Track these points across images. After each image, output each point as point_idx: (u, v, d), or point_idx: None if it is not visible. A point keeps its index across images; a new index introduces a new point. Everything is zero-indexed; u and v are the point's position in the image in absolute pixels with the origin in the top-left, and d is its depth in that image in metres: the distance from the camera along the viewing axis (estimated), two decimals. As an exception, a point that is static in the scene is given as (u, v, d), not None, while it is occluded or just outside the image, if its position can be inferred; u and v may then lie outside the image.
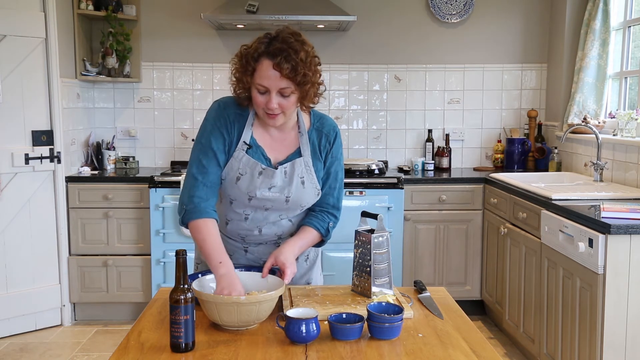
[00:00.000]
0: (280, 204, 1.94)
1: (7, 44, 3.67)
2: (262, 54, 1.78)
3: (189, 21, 4.51)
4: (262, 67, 1.78)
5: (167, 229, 3.98)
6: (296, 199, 1.94)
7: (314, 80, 1.83)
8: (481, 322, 4.13)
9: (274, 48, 1.76)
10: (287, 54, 1.75)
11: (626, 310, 2.60)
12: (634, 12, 3.90)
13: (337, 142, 2.02)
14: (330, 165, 2.01)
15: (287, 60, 1.75)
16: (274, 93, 1.79)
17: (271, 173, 1.91)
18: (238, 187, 1.91)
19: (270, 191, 1.91)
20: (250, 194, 1.91)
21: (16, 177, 3.79)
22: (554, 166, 4.30)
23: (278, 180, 1.91)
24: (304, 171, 1.94)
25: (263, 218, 1.97)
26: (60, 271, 4.02)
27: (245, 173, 1.90)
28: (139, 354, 1.53)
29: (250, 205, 1.94)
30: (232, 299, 1.62)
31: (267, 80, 1.78)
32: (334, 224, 2.05)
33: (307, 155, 1.95)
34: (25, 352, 3.63)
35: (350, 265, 2.04)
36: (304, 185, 1.94)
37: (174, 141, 4.63)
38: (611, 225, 2.53)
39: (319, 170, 1.98)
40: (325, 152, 1.99)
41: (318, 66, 1.85)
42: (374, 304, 1.71)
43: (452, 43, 4.60)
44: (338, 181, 2.04)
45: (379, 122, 4.67)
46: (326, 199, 2.03)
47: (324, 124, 2.01)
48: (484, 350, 1.57)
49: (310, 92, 1.84)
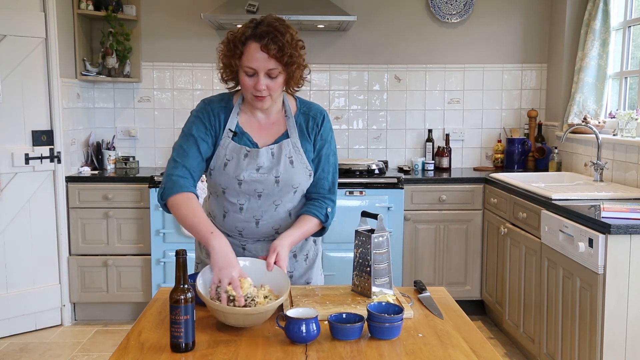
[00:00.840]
0: (270, 186, 1.95)
1: (7, 44, 3.67)
2: (250, 37, 1.85)
3: (189, 21, 4.51)
4: (250, 49, 1.85)
5: (167, 229, 3.98)
6: (286, 178, 1.95)
7: (299, 62, 1.90)
8: (481, 322, 4.13)
9: (261, 31, 1.84)
10: (274, 35, 1.83)
11: (626, 310, 2.60)
12: (634, 12, 3.90)
13: (325, 125, 2.04)
14: (321, 148, 2.03)
15: (274, 42, 1.83)
16: (261, 74, 1.86)
17: (256, 153, 1.94)
18: (226, 173, 1.94)
19: (259, 173, 1.94)
20: (239, 177, 1.93)
21: (16, 177, 3.79)
22: (554, 166, 4.30)
23: (264, 160, 1.94)
24: (292, 151, 1.97)
25: (258, 207, 1.98)
26: (60, 271, 4.02)
27: (231, 158, 1.95)
28: (139, 354, 1.53)
29: (242, 190, 1.95)
30: (243, 310, 1.63)
31: (255, 62, 1.85)
32: (332, 209, 2.05)
33: (294, 137, 1.99)
34: (25, 352, 3.63)
35: (350, 265, 2.04)
36: (293, 165, 1.96)
37: (174, 141, 4.61)
38: (611, 225, 2.53)
39: (309, 152, 2.00)
40: (314, 134, 2.02)
41: (302, 49, 1.92)
42: (374, 304, 1.71)
43: (452, 43, 4.60)
44: (331, 165, 2.06)
45: (379, 122, 4.67)
46: (321, 184, 2.04)
47: (310, 108, 2.05)
48: (484, 350, 1.57)
49: (297, 73, 1.91)
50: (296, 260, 2.10)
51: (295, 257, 2.09)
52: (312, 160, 2.02)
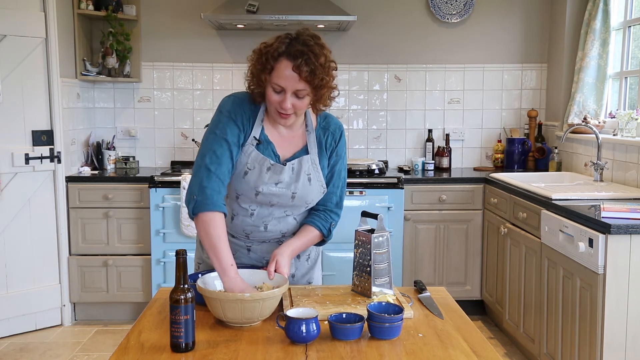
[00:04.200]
0: (286, 200, 1.94)
1: (7, 44, 3.67)
2: (283, 54, 1.79)
3: (189, 21, 4.51)
4: (281, 66, 1.79)
5: (167, 229, 3.98)
6: (302, 195, 1.95)
7: (329, 85, 1.85)
8: (481, 322, 4.13)
9: (295, 50, 1.78)
10: (308, 57, 1.77)
11: (626, 310, 2.60)
12: (634, 12, 3.90)
13: (342, 141, 2.04)
14: (335, 163, 2.03)
15: (307, 64, 1.77)
16: (289, 94, 1.81)
17: (280, 169, 1.91)
18: (246, 182, 1.91)
19: (277, 187, 1.92)
20: (257, 189, 1.91)
21: (16, 177, 3.79)
22: (554, 166, 4.30)
23: (285, 176, 1.92)
24: (311, 168, 1.96)
25: (268, 214, 1.97)
26: (60, 271, 4.02)
27: (253, 168, 1.90)
28: (139, 354, 1.53)
29: (257, 200, 1.94)
30: (237, 296, 1.63)
31: (285, 80, 1.79)
32: (336, 224, 2.06)
33: (314, 153, 1.97)
34: (25, 352, 3.63)
35: (350, 265, 2.04)
36: (310, 182, 1.95)
37: (174, 141, 4.63)
38: (611, 225, 2.53)
39: (324, 168, 2.00)
40: (331, 150, 2.01)
41: (334, 71, 1.87)
42: (374, 303, 1.71)
43: (452, 43, 4.60)
44: (341, 180, 2.06)
45: (379, 122, 4.67)
46: (330, 198, 2.04)
47: (329, 123, 2.03)
48: (484, 350, 1.57)
49: (325, 95, 1.87)
50: (299, 260, 2.11)
51: (298, 258, 2.10)
52: (325, 176, 2.01)
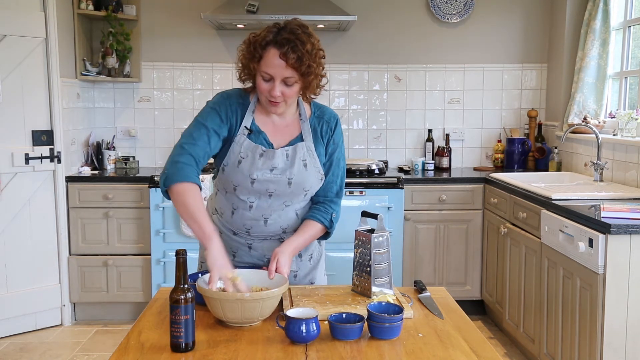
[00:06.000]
0: (283, 187, 1.95)
1: (7, 44, 3.67)
2: (270, 42, 1.84)
3: (189, 21, 4.51)
4: (269, 55, 1.84)
5: (167, 229, 3.98)
6: (299, 181, 1.96)
7: (317, 72, 1.90)
8: (481, 322, 4.13)
9: (282, 38, 1.83)
10: (294, 44, 1.82)
11: (626, 310, 2.60)
12: (634, 12, 3.90)
13: (338, 129, 2.06)
14: (332, 152, 2.05)
15: (293, 51, 1.82)
16: (277, 81, 1.86)
17: (272, 154, 1.94)
18: (240, 171, 1.93)
19: (272, 173, 1.93)
20: (252, 176, 1.93)
21: (16, 177, 3.79)
22: (554, 166, 4.30)
23: (279, 161, 1.94)
24: (307, 154, 1.98)
25: (267, 206, 1.98)
26: (60, 271, 4.02)
27: (246, 156, 1.93)
28: (139, 354, 1.53)
29: (254, 189, 1.95)
30: (237, 296, 1.63)
31: (273, 68, 1.84)
32: (337, 214, 2.07)
33: (309, 140, 1.99)
34: (25, 352, 3.63)
35: (350, 265, 2.04)
36: (306, 168, 1.97)
37: (174, 141, 4.63)
38: (611, 225, 2.53)
39: (321, 155, 2.02)
40: (327, 138, 2.04)
41: (322, 59, 1.92)
42: (374, 303, 1.71)
43: (452, 43, 4.60)
44: (340, 169, 2.07)
45: (379, 122, 4.67)
46: (330, 187, 2.05)
47: (324, 112, 2.07)
48: (484, 350, 1.57)
49: (313, 83, 1.91)
50: (301, 260, 2.11)
51: (300, 257, 2.10)
52: (324, 164, 2.03)
